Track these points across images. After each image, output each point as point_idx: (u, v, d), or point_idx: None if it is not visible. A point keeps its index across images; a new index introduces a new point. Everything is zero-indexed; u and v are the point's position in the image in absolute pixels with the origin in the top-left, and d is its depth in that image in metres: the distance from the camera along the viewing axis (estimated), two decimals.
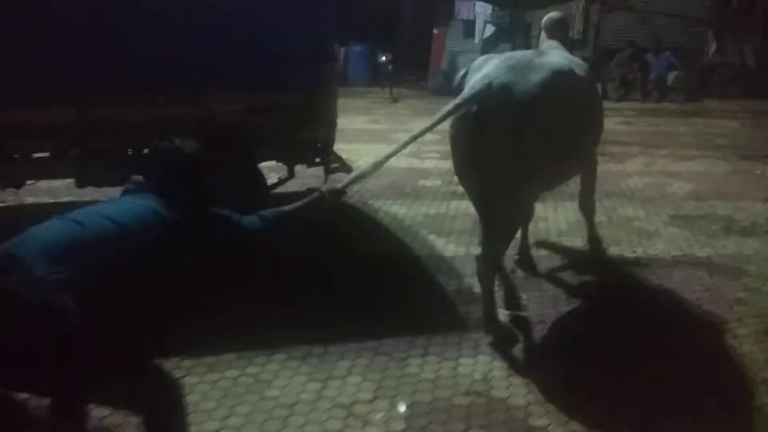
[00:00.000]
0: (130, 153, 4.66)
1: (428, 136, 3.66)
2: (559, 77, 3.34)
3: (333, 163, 5.28)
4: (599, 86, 13.82)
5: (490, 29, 15.64)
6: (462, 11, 15.83)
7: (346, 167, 5.30)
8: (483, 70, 3.43)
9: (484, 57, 3.78)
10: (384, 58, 16.80)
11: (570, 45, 4.47)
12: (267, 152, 4.99)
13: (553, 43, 4.24)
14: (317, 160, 5.20)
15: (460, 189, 6.77)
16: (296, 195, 6.26)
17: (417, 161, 7.91)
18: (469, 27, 15.88)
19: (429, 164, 7.76)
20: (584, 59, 5.00)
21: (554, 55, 3.68)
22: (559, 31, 4.40)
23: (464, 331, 3.61)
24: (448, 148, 3.66)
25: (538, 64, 3.38)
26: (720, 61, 15.02)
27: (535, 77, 3.24)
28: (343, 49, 16.38)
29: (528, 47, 16.63)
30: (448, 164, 7.94)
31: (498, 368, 3.25)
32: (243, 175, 4.82)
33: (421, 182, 6.91)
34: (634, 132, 10.24)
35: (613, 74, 14.51)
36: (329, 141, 5.15)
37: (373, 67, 16.57)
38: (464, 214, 5.76)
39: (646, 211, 5.89)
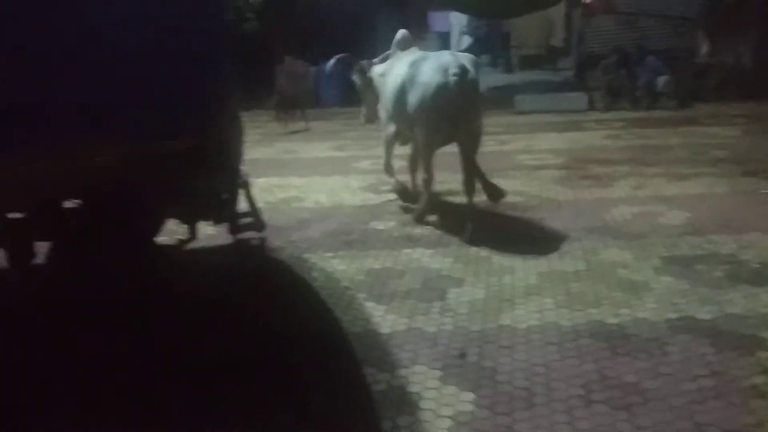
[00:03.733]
0: None
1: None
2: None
3: (244, 218, 4.32)
4: (585, 96, 12.87)
5: (467, 41, 14.75)
6: (436, 23, 14.94)
7: (259, 223, 4.33)
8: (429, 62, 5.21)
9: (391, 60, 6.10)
10: None
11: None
12: (156, 211, 4.03)
13: (414, 50, 5.88)
14: (223, 214, 4.24)
15: (416, 232, 5.83)
16: (221, 250, 5.39)
17: (373, 196, 6.93)
18: (445, 40, 14.98)
19: (386, 199, 6.76)
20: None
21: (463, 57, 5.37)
22: (409, 43, 6.06)
23: None
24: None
25: (465, 60, 5.23)
26: (713, 62, 14.07)
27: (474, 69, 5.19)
28: (313, 69, 15.49)
29: (508, 58, 15.75)
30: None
31: None
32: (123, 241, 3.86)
33: (373, 224, 5.92)
34: (623, 147, 9.24)
35: (599, 82, 13.56)
36: (234, 192, 4.19)
37: (347, 86, 15.64)
38: (415, 268, 4.79)
39: (634, 253, 4.89)
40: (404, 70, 5.39)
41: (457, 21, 14.65)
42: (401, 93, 5.38)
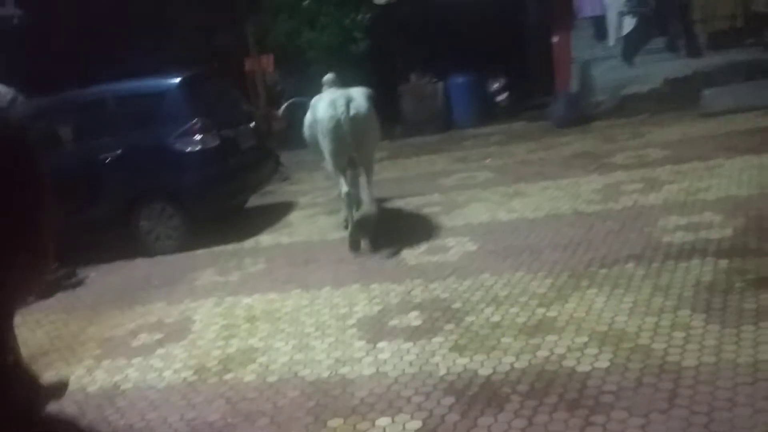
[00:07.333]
0: None
1: None
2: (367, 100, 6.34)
3: None
4: None
5: (629, 23, 11.16)
6: (586, 7, 11.50)
7: None
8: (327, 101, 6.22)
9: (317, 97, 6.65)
10: (496, 85, 12.94)
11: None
12: None
13: (337, 89, 6.58)
14: None
15: None
16: None
17: (363, 345, 4.23)
18: (600, 25, 11.53)
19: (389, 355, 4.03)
20: None
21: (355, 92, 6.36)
22: (336, 83, 6.79)
23: None
24: None
25: (356, 94, 6.30)
26: None
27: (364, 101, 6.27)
28: (441, 84, 12.85)
29: (692, 37, 11.72)
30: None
31: None
32: None
33: None
34: None
35: None
36: None
37: (483, 101, 12.75)
38: None
39: None
40: (310, 110, 6.66)
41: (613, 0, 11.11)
42: (311, 129, 6.64)
